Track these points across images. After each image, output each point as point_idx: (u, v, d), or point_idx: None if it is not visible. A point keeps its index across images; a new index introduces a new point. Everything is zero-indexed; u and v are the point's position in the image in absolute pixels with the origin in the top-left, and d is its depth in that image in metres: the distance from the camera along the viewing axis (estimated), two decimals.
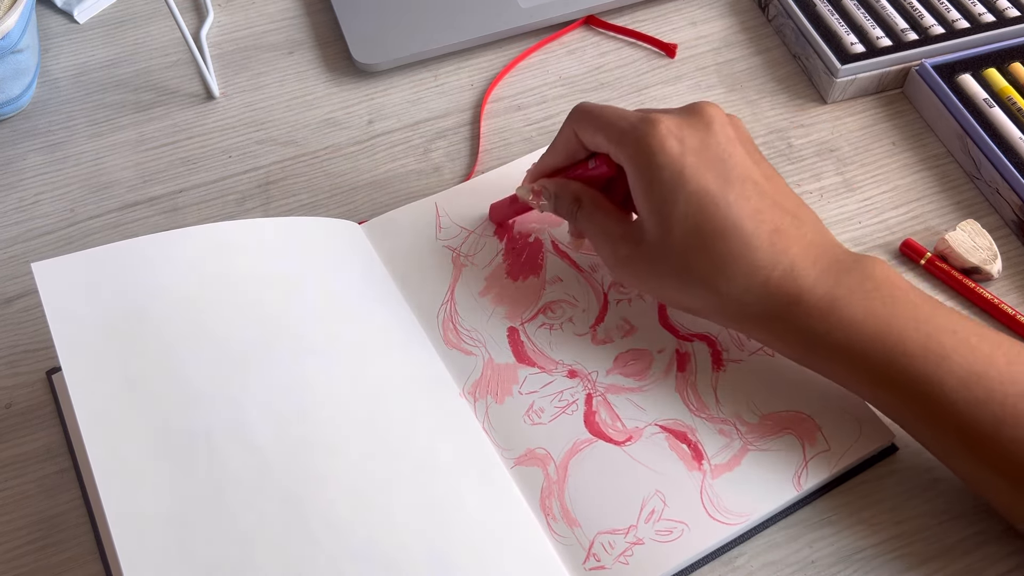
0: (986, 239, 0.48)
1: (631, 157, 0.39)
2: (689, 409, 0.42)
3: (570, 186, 0.43)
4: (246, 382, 0.39)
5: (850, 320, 0.37)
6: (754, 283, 0.38)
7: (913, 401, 0.37)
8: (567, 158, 0.43)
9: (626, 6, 0.61)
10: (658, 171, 0.38)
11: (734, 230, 0.37)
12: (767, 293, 0.38)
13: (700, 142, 0.38)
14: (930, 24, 0.57)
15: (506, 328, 0.45)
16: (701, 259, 0.38)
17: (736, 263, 0.37)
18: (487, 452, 0.41)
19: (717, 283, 0.38)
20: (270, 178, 0.53)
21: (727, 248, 0.37)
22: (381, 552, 0.36)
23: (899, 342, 0.37)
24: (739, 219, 0.37)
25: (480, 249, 0.47)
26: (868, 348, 0.37)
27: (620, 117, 0.40)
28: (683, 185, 0.37)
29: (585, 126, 0.41)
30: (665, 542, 0.38)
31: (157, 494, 0.36)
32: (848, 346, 0.37)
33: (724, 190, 0.38)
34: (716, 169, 0.38)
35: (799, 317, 0.38)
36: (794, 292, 0.37)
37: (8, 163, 0.54)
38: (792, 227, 0.38)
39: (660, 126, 0.38)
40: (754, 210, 0.38)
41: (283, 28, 0.61)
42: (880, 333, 0.37)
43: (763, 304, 0.38)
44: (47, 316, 0.38)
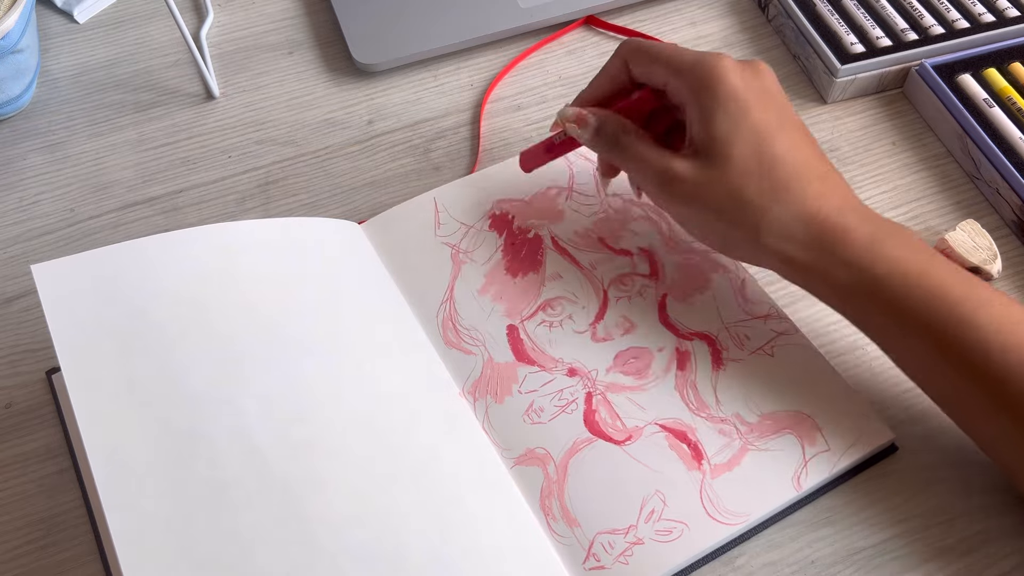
0: (986, 239, 0.48)
1: (696, 87, 0.40)
2: (689, 408, 0.42)
3: (614, 116, 0.44)
4: (246, 382, 0.39)
5: (895, 258, 0.38)
6: (806, 212, 0.39)
7: (948, 347, 0.37)
8: (612, 89, 0.45)
9: (626, 6, 0.61)
10: (724, 100, 0.40)
11: (792, 162, 0.40)
12: (817, 223, 0.39)
13: (760, 85, 0.41)
14: (930, 24, 0.57)
15: (505, 326, 0.45)
16: (757, 184, 0.39)
17: (791, 192, 0.39)
18: (487, 452, 0.41)
19: (770, 208, 0.39)
20: (270, 178, 0.53)
21: (783, 176, 0.39)
22: (381, 552, 0.36)
23: (939, 284, 0.38)
24: (795, 156, 0.40)
25: (479, 245, 0.47)
26: (910, 286, 0.38)
27: (681, 50, 0.42)
28: (747, 115, 0.40)
29: (640, 58, 0.43)
30: (665, 542, 0.38)
31: (157, 494, 0.36)
32: (890, 281, 0.38)
33: (780, 129, 0.40)
34: (774, 110, 0.40)
35: (845, 249, 0.39)
36: (841, 226, 0.39)
37: (8, 163, 0.54)
38: (836, 178, 0.41)
39: (725, 61, 0.40)
40: (805, 154, 0.40)
41: (283, 28, 0.61)
42: (923, 274, 0.38)
43: (812, 234, 0.39)
44: (47, 318, 0.38)
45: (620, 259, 0.47)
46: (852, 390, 0.43)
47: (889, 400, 0.44)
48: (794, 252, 0.40)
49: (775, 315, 0.45)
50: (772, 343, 0.44)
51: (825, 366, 0.43)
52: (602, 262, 0.47)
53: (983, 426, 0.39)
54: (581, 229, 0.48)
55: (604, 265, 0.47)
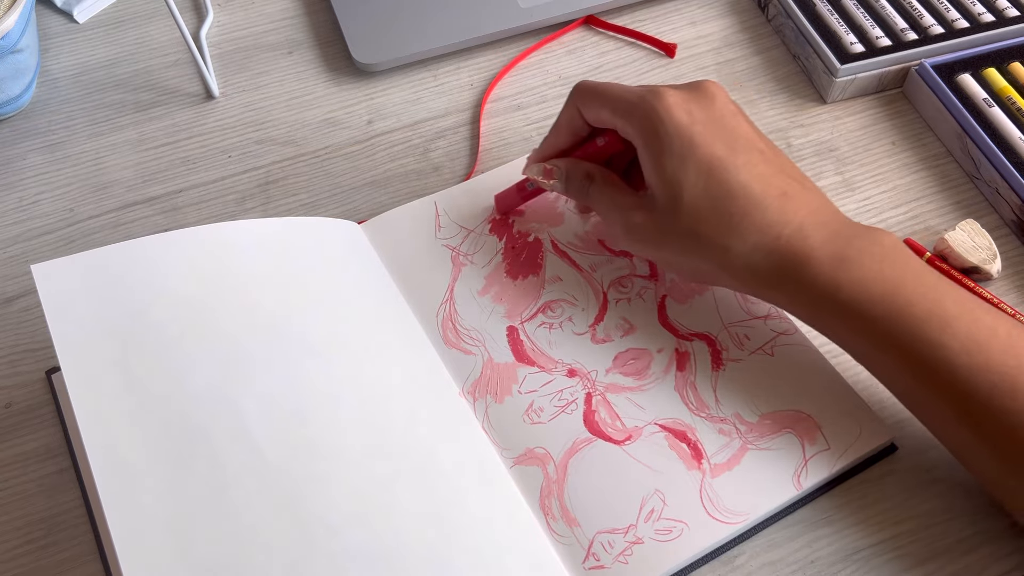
0: (985, 239, 0.48)
1: (640, 128, 0.40)
2: (689, 408, 0.42)
3: (581, 164, 0.44)
4: (245, 382, 0.39)
5: (859, 280, 0.38)
6: (764, 241, 0.38)
7: (914, 364, 0.37)
8: (570, 136, 0.44)
9: (626, 6, 0.61)
10: (668, 140, 0.39)
11: (743, 191, 0.38)
12: (778, 251, 0.38)
13: (706, 113, 0.40)
14: (930, 24, 0.57)
15: (505, 327, 0.45)
16: (712, 220, 0.39)
17: (747, 223, 0.38)
18: (486, 452, 0.41)
19: (729, 243, 0.39)
20: (270, 178, 0.53)
21: (737, 208, 0.38)
22: (380, 552, 0.36)
23: (906, 304, 0.37)
24: (748, 182, 0.39)
25: (479, 248, 0.47)
26: (875, 309, 0.37)
27: (625, 91, 0.41)
28: (692, 152, 0.39)
29: (589, 102, 0.42)
30: (665, 541, 0.38)
31: (157, 494, 0.36)
32: (855, 306, 0.38)
33: (732, 156, 0.39)
34: (723, 138, 0.39)
35: (808, 276, 0.38)
36: (804, 251, 0.38)
37: (8, 163, 0.54)
38: (799, 192, 0.39)
39: (667, 98, 0.40)
40: (761, 175, 0.39)
41: (283, 28, 0.61)
42: (888, 294, 0.37)
43: (773, 263, 0.39)
44: (47, 318, 0.38)
45: (619, 261, 0.47)
46: (852, 390, 0.43)
47: (889, 400, 0.44)
48: (762, 282, 0.40)
49: (775, 315, 0.45)
50: (772, 343, 0.44)
51: (825, 366, 0.43)
52: (602, 264, 0.47)
53: (950, 436, 0.39)
54: (581, 232, 0.48)
55: (604, 267, 0.47)
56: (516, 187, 0.48)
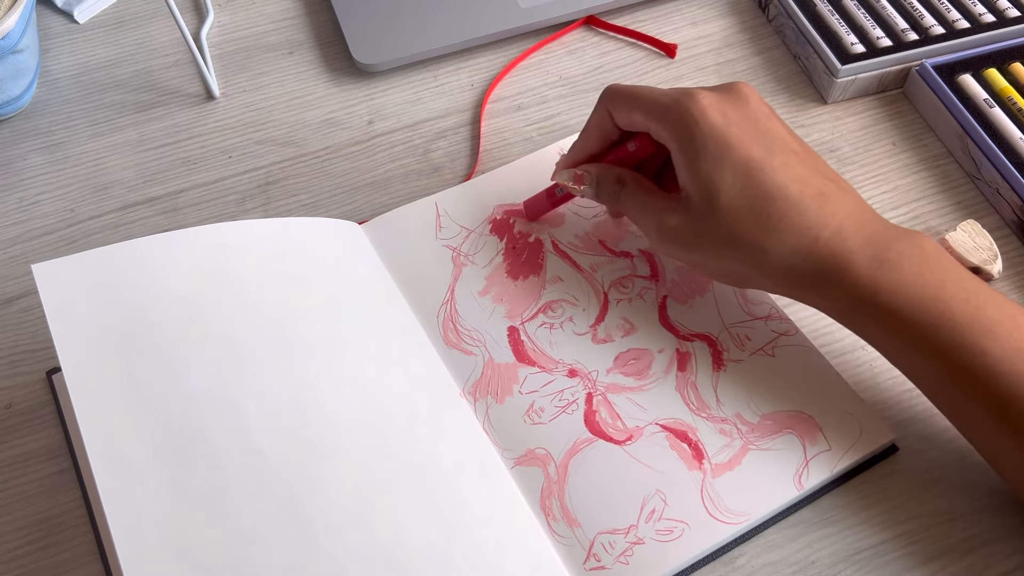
0: (986, 239, 0.48)
1: (675, 131, 0.40)
2: (689, 408, 0.42)
3: (612, 169, 0.44)
4: (246, 382, 0.39)
5: (899, 283, 0.37)
6: (803, 244, 0.38)
7: (954, 370, 0.37)
8: (601, 140, 0.44)
9: (626, 6, 0.61)
10: (703, 141, 0.39)
11: (781, 193, 0.38)
12: (816, 254, 0.38)
13: (740, 115, 0.39)
14: (930, 24, 0.57)
15: (506, 327, 0.45)
16: (750, 223, 0.38)
17: (785, 224, 0.38)
18: (487, 452, 0.41)
19: (767, 245, 0.38)
20: (270, 178, 0.53)
21: (776, 210, 0.38)
22: (381, 552, 0.36)
23: (947, 310, 0.37)
24: (785, 183, 0.38)
25: (480, 248, 0.47)
26: (915, 313, 0.37)
27: (658, 94, 0.41)
28: (729, 154, 0.38)
29: (620, 105, 0.42)
30: (666, 542, 0.38)
31: (157, 494, 0.36)
32: (895, 310, 0.37)
33: (768, 158, 0.39)
34: (758, 140, 0.39)
35: (847, 278, 0.38)
36: (843, 253, 0.38)
37: (8, 163, 0.54)
38: (837, 193, 0.39)
39: (702, 99, 0.39)
40: (798, 176, 0.39)
41: (283, 28, 0.61)
42: (928, 299, 0.37)
43: (812, 265, 0.38)
44: (47, 317, 0.38)
45: (620, 261, 0.47)
46: (852, 390, 0.43)
47: (890, 400, 0.44)
48: (799, 283, 0.39)
49: (775, 316, 0.45)
50: (773, 344, 0.44)
51: (826, 366, 0.43)
52: (602, 265, 0.47)
53: (987, 442, 0.38)
54: (581, 232, 0.48)
55: (604, 268, 0.47)
56: (545, 193, 0.47)
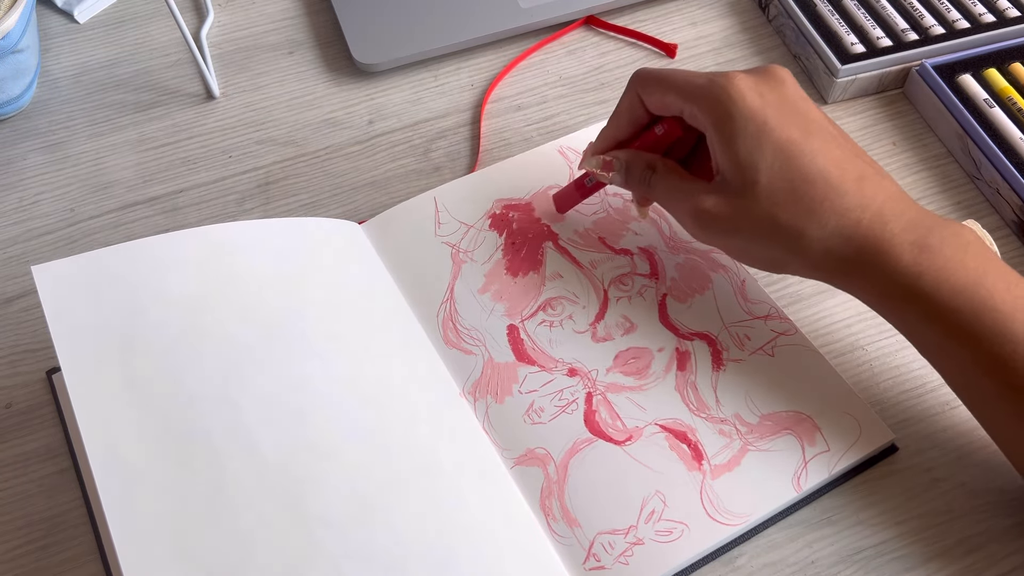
0: (986, 239, 0.48)
1: (712, 113, 0.39)
2: (689, 409, 0.42)
3: (642, 155, 0.43)
4: (246, 383, 0.39)
5: (941, 268, 0.37)
6: (844, 226, 0.38)
7: (990, 359, 0.36)
8: (630, 125, 0.44)
9: (626, 6, 0.61)
10: (742, 123, 0.38)
11: (821, 176, 0.38)
12: (858, 236, 0.38)
13: (778, 96, 0.39)
14: (930, 24, 0.57)
15: (506, 326, 0.45)
16: (790, 205, 0.38)
17: (826, 207, 0.38)
18: (487, 452, 0.41)
19: (807, 228, 0.38)
20: (270, 178, 0.53)
21: (816, 193, 0.38)
22: (380, 552, 0.36)
23: (988, 297, 0.36)
24: (825, 166, 0.38)
25: (479, 244, 0.47)
26: (957, 299, 0.36)
27: (692, 75, 0.40)
28: (767, 135, 0.38)
29: (653, 89, 0.41)
30: (665, 542, 0.38)
31: (157, 494, 0.36)
32: (936, 295, 0.37)
33: (807, 140, 0.38)
34: (797, 122, 0.39)
35: (889, 262, 0.37)
36: (885, 236, 0.37)
37: (8, 163, 0.54)
38: (876, 176, 0.39)
39: (738, 81, 0.39)
40: (837, 159, 0.38)
41: (283, 28, 0.61)
42: (971, 285, 0.36)
43: (853, 248, 0.38)
44: (47, 318, 0.38)
45: (620, 259, 0.47)
46: (852, 391, 0.43)
47: (889, 400, 0.44)
48: (838, 267, 0.39)
49: (775, 315, 0.45)
50: (772, 343, 0.44)
51: (825, 366, 0.43)
52: (602, 262, 0.47)
53: (1014, 435, 0.38)
54: (581, 229, 0.48)
55: (604, 265, 0.47)
56: (575, 184, 0.47)
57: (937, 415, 0.43)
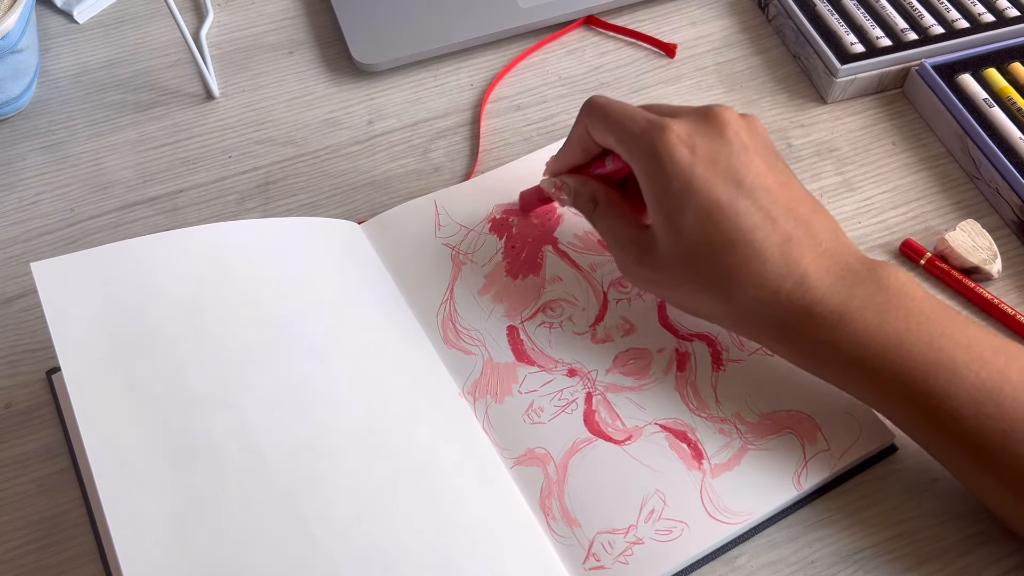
0: (986, 239, 0.48)
1: (640, 163, 0.39)
2: (689, 408, 0.42)
3: (588, 184, 0.43)
4: (245, 382, 0.39)
5: (861, 333, 0.36)
6: (764, 294, 0.37)
7: (921, 415, 0.37)
8: (582, 152, 0.44)
9: (626, 6, 0.61)
10: (667, 180, 0.37)
11: (744, 241, 0.37)
12: (778, 304, 0.37)
13: (711, 150, 0.38)
14: (930, 24, 0.57)
15: (505, 327, 0.45)
16: (710, 269, 0.38)
17: (746, 274, 0.37)
18: (487, 452, 0.41)
19: (727, 293, 0.38)
20: (270, 178, 0.53)
21: (737, 259, 0.37)
22: (380, 553, 0.36)
23: (909, 357, 0.36)
24: (750, 230, 0.37)
25: (479, 247, 0.47)
26: (877, 361, 0.36)
27: (630, 119, 0.39)
28: (692, 196, 0.37)
29: (596, 123, 0.41)
30: (665, 542, 0.38)
31: (157, 494, 0.36)
32: (857, 358, 0.37)
33: (734, 200, 0.37)
34: (727, 178, 0.37)
35: (809, 329, 0.37)
36: (805, 304, 0.37)
37: (8, 163, 0.54)
38: (805, 236, 0.37)
39: (670, 133, 0.38)
40: (765, 219, 0.37)
41: (283, 28, 0.61)
42: (890, 347, 0.36)
43: (774, 315, 0.38)
44: (47, 317, 0.38)
45: None
46: None
47: None
48: (759, 333, 0.39)
49: None
50: None
51: None
52: (602, 264, 0.47)
53: (973, 482, 0.38)
54: (581, 232, 0.48)
55: (604, 267, 0.47)
56: (536, 189, 0.47)
57: None
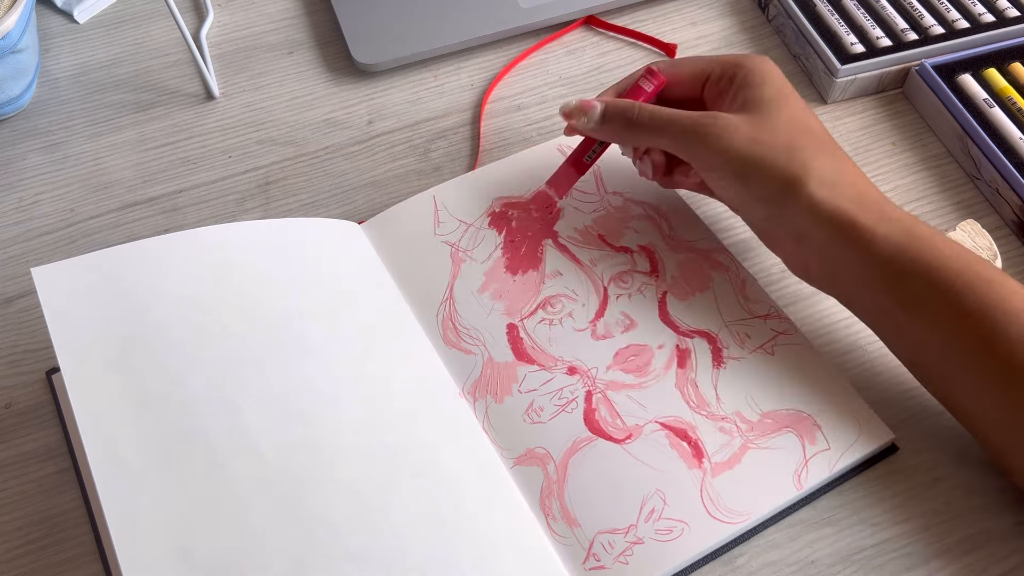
0: (986, 239, 0.48)
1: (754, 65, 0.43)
2: (689, 406, 0.42)
3: (618, 99, 0.45)
4: (245, 383, 0.39)
5: (931, 237, 0.39)
6: (849, 170, 0.41)
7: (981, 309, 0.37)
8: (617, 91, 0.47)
9: (626, 6, 0.61)
10: (774, 78, 0.43)
11: (826, 136, 0.43)
12: (860, 182, 0.41)
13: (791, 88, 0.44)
14: (930, 24, 0.57)
15: (505, 324, 0.45)
16: (806, 139, 0.41)
17: (829, 151, 0.42)
18: (487, 452, 0.41)
19: (817, 158, 0.41)
20: (270, 178, 0.53)
21: (827, 140, 0.42)
22: (380, 552, 0.36)
23: (976, 263, 0.39)
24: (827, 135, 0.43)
25: (479, 243, 0.47)
26: (948, 267, 0.38)
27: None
28: (790, 96, 0.43)
29: (681, 60, 0.46)
30: (665, 541, 0.38)
31: (157, 494, 0.36)
32: (932, 241, 0.39)
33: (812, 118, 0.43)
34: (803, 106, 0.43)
35: (882, 227, 0.39)
36: (881, 206, 0.40)
37: (8, 163, 0.54)
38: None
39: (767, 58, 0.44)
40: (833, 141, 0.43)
41: (283, 28, 0.61)
42: (961, 254, 0.39)
43: (856, 190, 0.41)
44: (47, 320, 0.38)
45: (620, 256, 0.47)
46: (852, 390, 0.43)
47: (890, 400, 0.44)
48: (840, 203, 0.40)
49: (775, 315, 0.45)
50: (772, 342, 0.44)
51: (825, 366, 0.43)
52: (602, 259, 0.47)
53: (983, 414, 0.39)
54: (581, 226, 0.48)
55: (604, 262, 0.47)
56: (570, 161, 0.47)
57: (937, 414, 0.43)
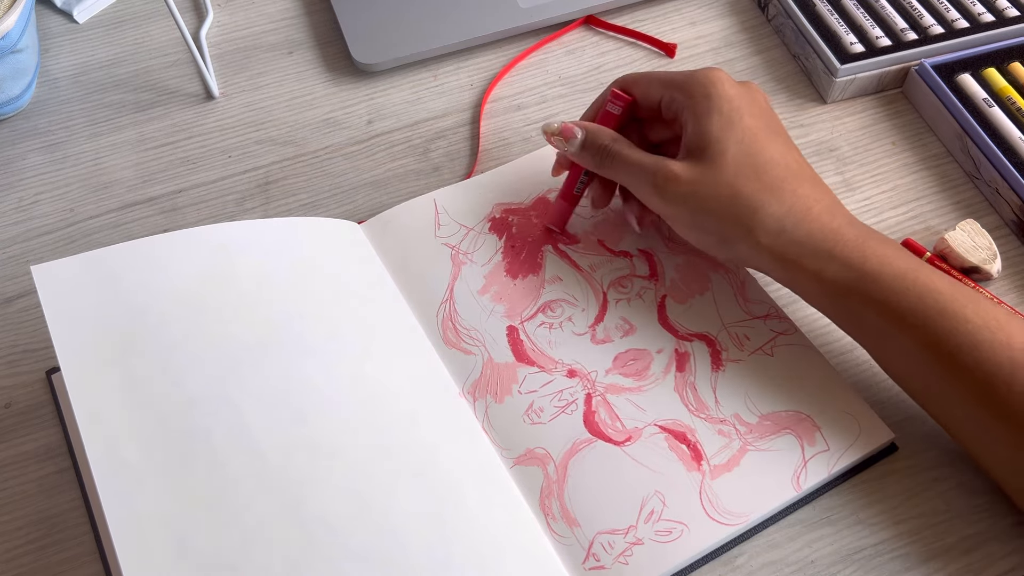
0: (985, 239, 0.48)
1: (693, 92, 0.43)
2: (688, 409, 0.42)
3: (600, 127, 0.45)
4: (245, 383, 0.39)
5: (885, 255, 0.40)
6: (797, 209, 0.41)
7: (936, 340, 0.38)
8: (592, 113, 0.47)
9: (626, 6, 0.61)
10: (719, 102, 0.42)
11: (782, 165, 0.41)
12: (809, 220, 0.40)
13: (751, 98, 0.43)
14: (929, 24, 0.57)
15: (505, 327, 0.45)
16: (752, 180, 0.41)
17: (784, 187, 0.41)
18: (486, 452, 0.41)
19: (765, 203, 0.40)
20: (270, 178, 0.53)
21: (776, 176, 0.41)
22: (380, 552, 0.36)
23: (928, 282, 0.39)
24: (786, 160, 0.42)
25: (479, 247, 0.47)
26: (900, 284, 0.39)
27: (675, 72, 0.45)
28: (740, 119, 0.42)
29: (642, 78, 0.45)
30: (664, 542, 0.38)
31: (157, 494, 0.36)
32: (881, 279, 0.39)
33: (771, 137, 0.42)
34: (763, 120, 0.43)
35: (836, 246, 0.40)
36: (834, 225, 0.40)
37: (8, 163, 0.54)
38: (824, 184, 0.42)
39: (720, 72, 0.43)
40: (795, 160, 0.42)
41: (283, 28, 0.61)
42: (911, 271, 0.39)
43: (803, 231, 0.40)
44: (47, 319, 0.38)
45: (619, 261, 0.47)
46: (852, 390, 0.43)
47: (889, 400, 0.44)
48: (787, 249, 0.40)
49: (775, 315, 0.45)
50: (772, 343, 0.44)
51: (825, 366, 0.43)
52: (601, 264, 0.47)
53: (965, 420, 0.39)
54: (580, 232, 0.48)
55: (604, 267, 0.47)
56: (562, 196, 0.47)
57: None
